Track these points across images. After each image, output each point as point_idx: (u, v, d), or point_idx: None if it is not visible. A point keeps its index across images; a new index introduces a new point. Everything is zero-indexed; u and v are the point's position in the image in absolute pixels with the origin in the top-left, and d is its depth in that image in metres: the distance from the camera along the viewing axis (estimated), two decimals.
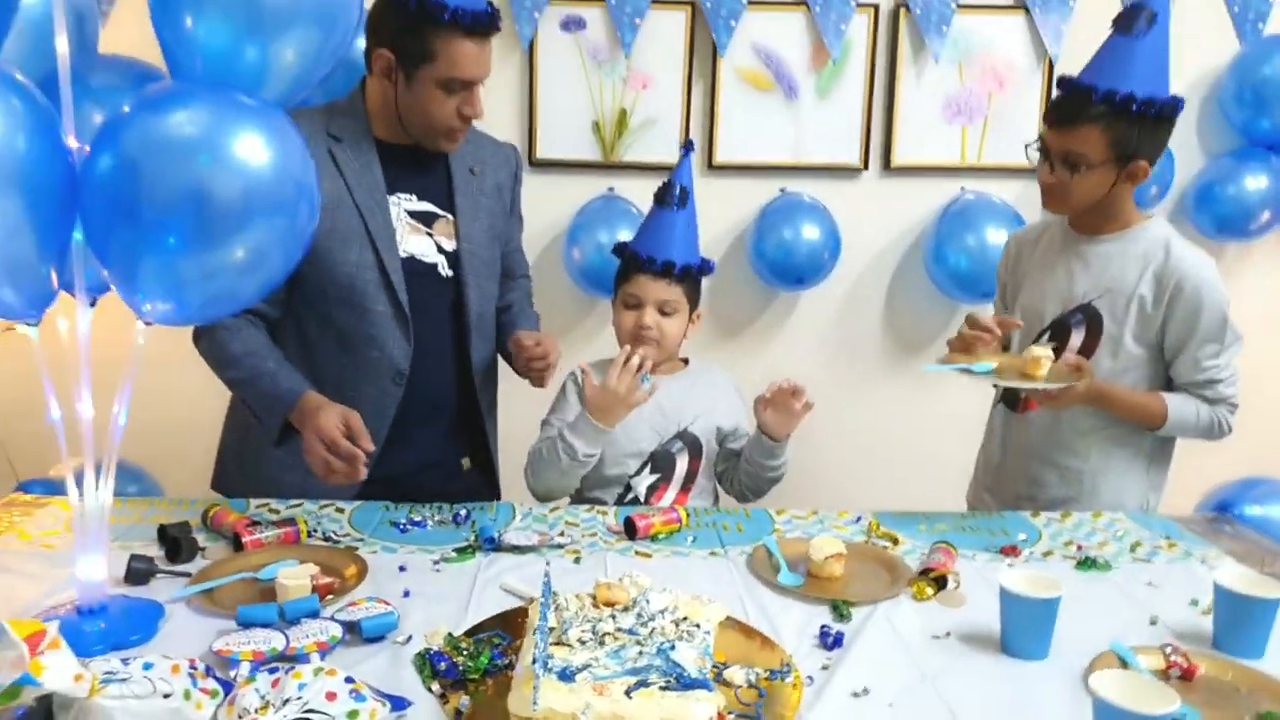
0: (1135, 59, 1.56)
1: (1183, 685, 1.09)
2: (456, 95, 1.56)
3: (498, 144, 1.83)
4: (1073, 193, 1.62)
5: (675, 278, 1.72)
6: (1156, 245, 1.66)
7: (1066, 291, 1.70)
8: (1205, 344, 1.63)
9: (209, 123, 0.95)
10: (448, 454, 1.77)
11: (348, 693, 0.88)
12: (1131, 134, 1.57)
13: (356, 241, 1.58)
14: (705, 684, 0.94)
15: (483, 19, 1.51)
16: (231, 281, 1.00)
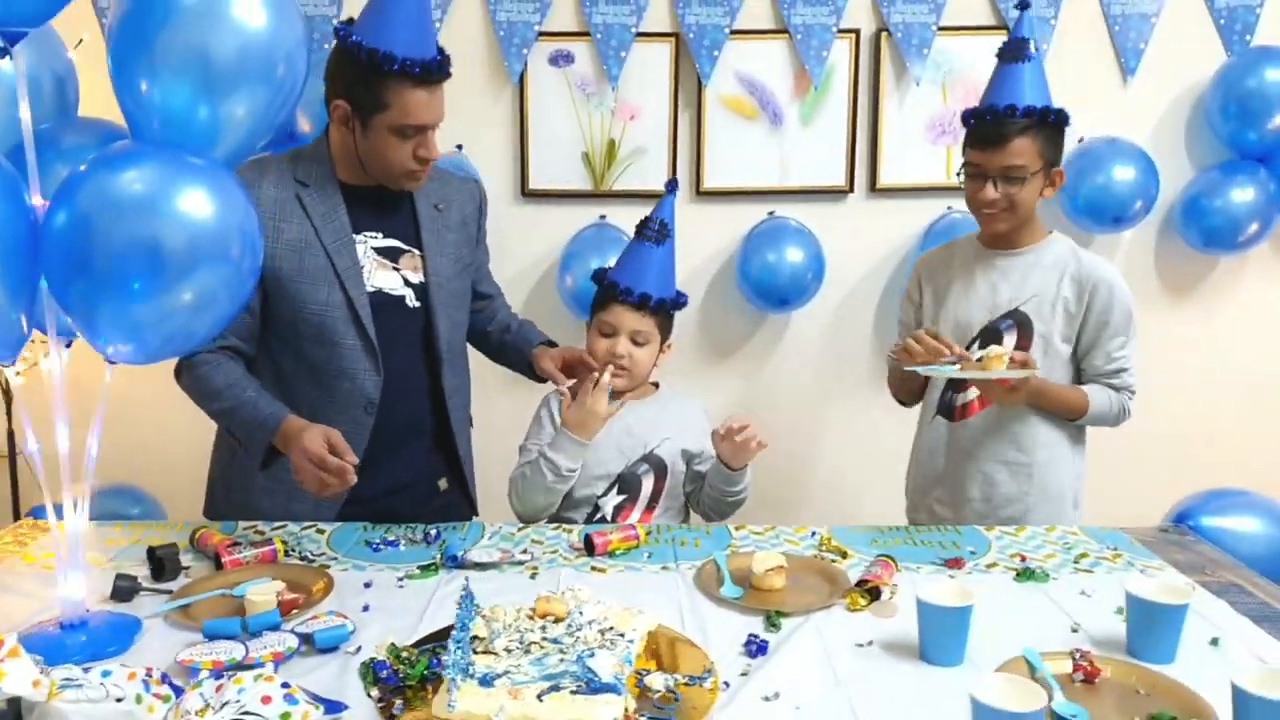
0: (1025, 80, 1.79)
1: (1085, 688, 1.13)
2: (411, 140, 1.63)
3: (463, 180, 1.93)
4: (1017, 205, 1.77)
5: (650, 310, 1.80)
6: (1067, 254, 1.85)
7: (991, 301, 1.85)
8: (1115, 337, 1.81)
9: (157, 180, 1.06)
10: (424, 475, 1.85)
11: (282, 696, 0.96)
12: (1050, 142, 1.79)
13: (325, 281, 1.67)
14: (614, 688, 1.01)
15: (432, 68, 1.58)
16: (184, 322, 1.11)
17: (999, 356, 1.67)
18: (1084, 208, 2.66)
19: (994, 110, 1.76)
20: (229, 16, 1.11)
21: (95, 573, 1.44)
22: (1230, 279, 2.84)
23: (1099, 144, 2.68)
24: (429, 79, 1.58)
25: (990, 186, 1.76)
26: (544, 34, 2.72)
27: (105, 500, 2.23)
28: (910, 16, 2.73)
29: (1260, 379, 2.85)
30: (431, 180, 1.80)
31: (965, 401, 1.88)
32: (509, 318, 2.01)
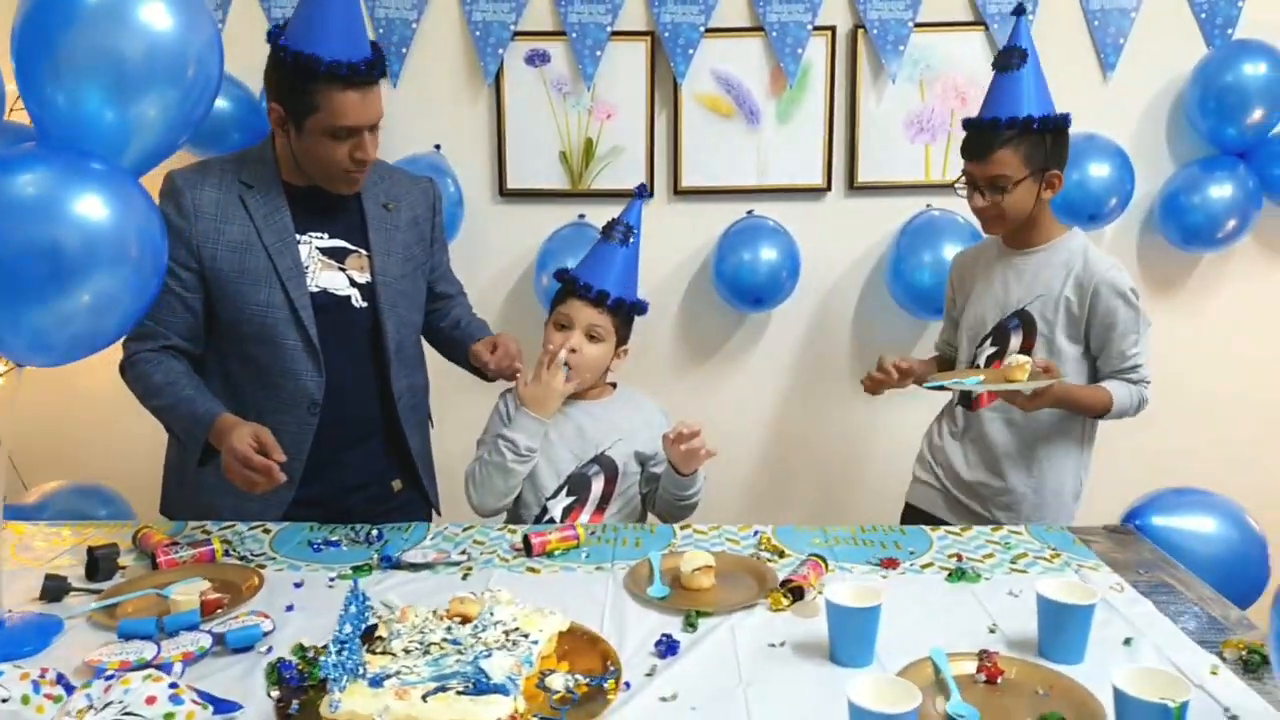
0: (1020, 88, 1.84)
1: (986, 688, 1.12)
2: (345, 141, 1.63)
3: (414, 179, 1.92)
4: (1006, 211, 1.84)
5: (608, 307, 1.80)
6: (1076, 254, 1.89)
7: (1003, 300, 1.92)
8: (1126, 336, 1.85)
9: (52, 184, 1.07)
10: (377, 476, 1.86)
11: (167, 696, 0.97)
12: (1039, 148, 1.83)
13: (265, 281, 1.67)
14: (503, 689, 1.00)
15: (360, 69, 1.57)
16: (87, 325, 1.12)
17: (1022, 366, 1.70)
18: (1059, 204, 2.59)
19: (978, 122, 1.86)
20: (135, 18, 1.12)
21: (33, 572, 1.46)
22: (1214, 276, 2.78)
23: (1077, 140, 2.61)
24: (357, 80, 1.58)
25: (979, 195, 1.85)
26: (520, 34, 2.72)
27: (75, 500, 2.27)
28: (886, 13, 2.70)
29: (1241, 379, 2.79)
30: (381, 179, 1.80)
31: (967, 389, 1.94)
32: (462, 314, 2.00)
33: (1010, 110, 1.82)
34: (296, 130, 1.63)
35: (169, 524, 1.73)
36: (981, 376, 1.75)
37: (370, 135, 1.64)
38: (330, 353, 1.72)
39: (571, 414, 1.81)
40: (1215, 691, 1.12)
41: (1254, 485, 2.57)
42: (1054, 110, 1.84)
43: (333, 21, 1.56)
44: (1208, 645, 1.24)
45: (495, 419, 1.87)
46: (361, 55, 1.58)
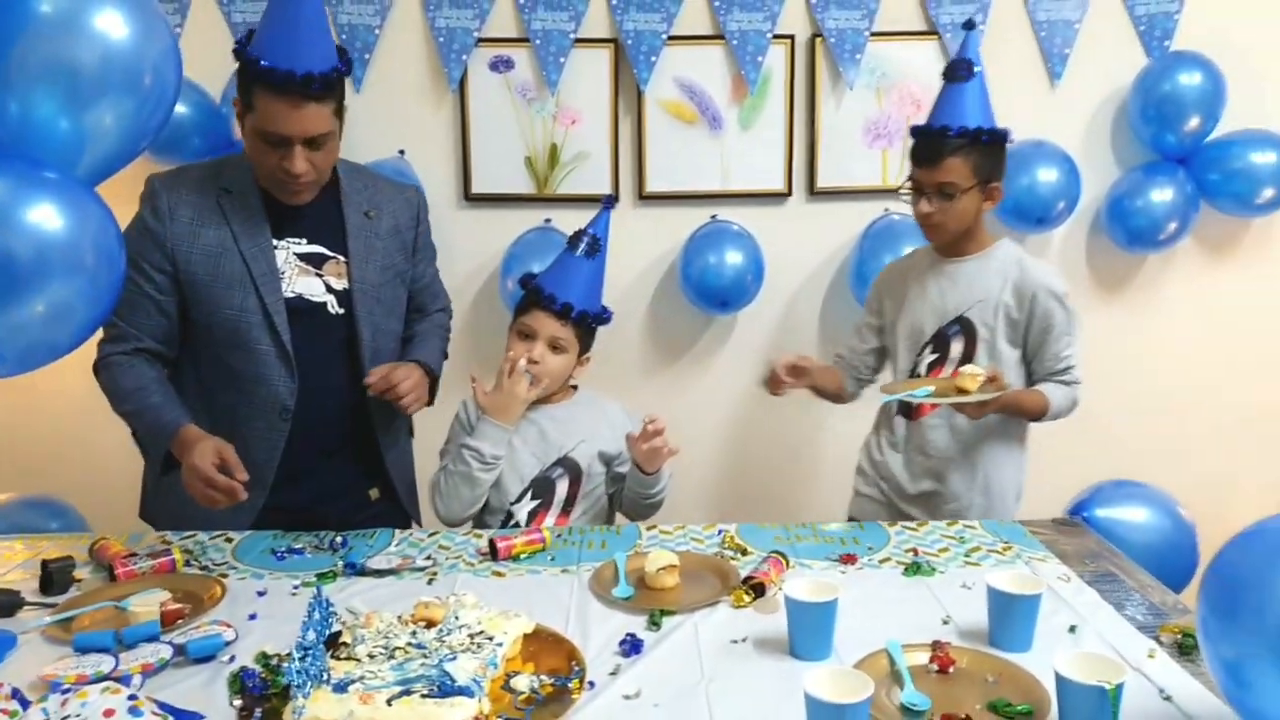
0: (967, 100, 1.88)
1: (938, 677, 1.17)
2: (276, 149, 1.62)
3: (399, 187, 1.92)
4: (950, 219, 1.87)
5: (571, 319, 1.81)
6: (1011, 262, 1.93)
7: (941, 307, 1.94)
8: (1061, 338, 1.89)
9: (3, 194, 1.06)
10: (352, 485, 1.86)
11: (126, 709, 0.97)
12: (985, 159, 1.87)
13: (240, 286, 1.68)
14: (467, 691, 1.02)
15: (292, 79, 1.55)
16: (41, 334, 1.12)
17: (974, 376, 1.73)
18: (1009, 208, 2.68)
19: (930, 130, 1.88)
20: (90, 27, 1.13)
21: None
22: (1158, 276, 2.88)
23: (1025, 146, 2.71)
24: (284, 91, 1.56)
25: (925, 201, 1.86)
26: (483, 40, 2.73)
27: (25, 512, 2.23)
28: (843, 22, 2.75)
29: (1182, 374, 2.89)
30: (365, 187, 1.81)
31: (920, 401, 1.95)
32: (422, 329, 1.97)
33: (958, 120, 1.85)
34: (243, 127, 1.63)
35: (126, 535, 1.71)
36: (933, 387, 1.78)
37: (303, 149, 1.62)
38: (304, 359, 1.72)
39: (533, 418, 1.83)
40: (1152, 674, 1.17)
41: (1191, 476, 2.66)
42: (996, 124, 1.89)
43: (279, 29, 1.56)
44: (1147, 631, 1.29)
45: (456, 428, 1.87)
46: (302, 68, 1.56)
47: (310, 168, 1.64)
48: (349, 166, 1.85)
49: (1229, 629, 0.94)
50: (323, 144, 1.64)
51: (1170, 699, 1.13)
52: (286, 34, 1.56)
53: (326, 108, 1.62)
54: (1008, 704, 1.09)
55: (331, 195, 1.77)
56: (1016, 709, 1.08)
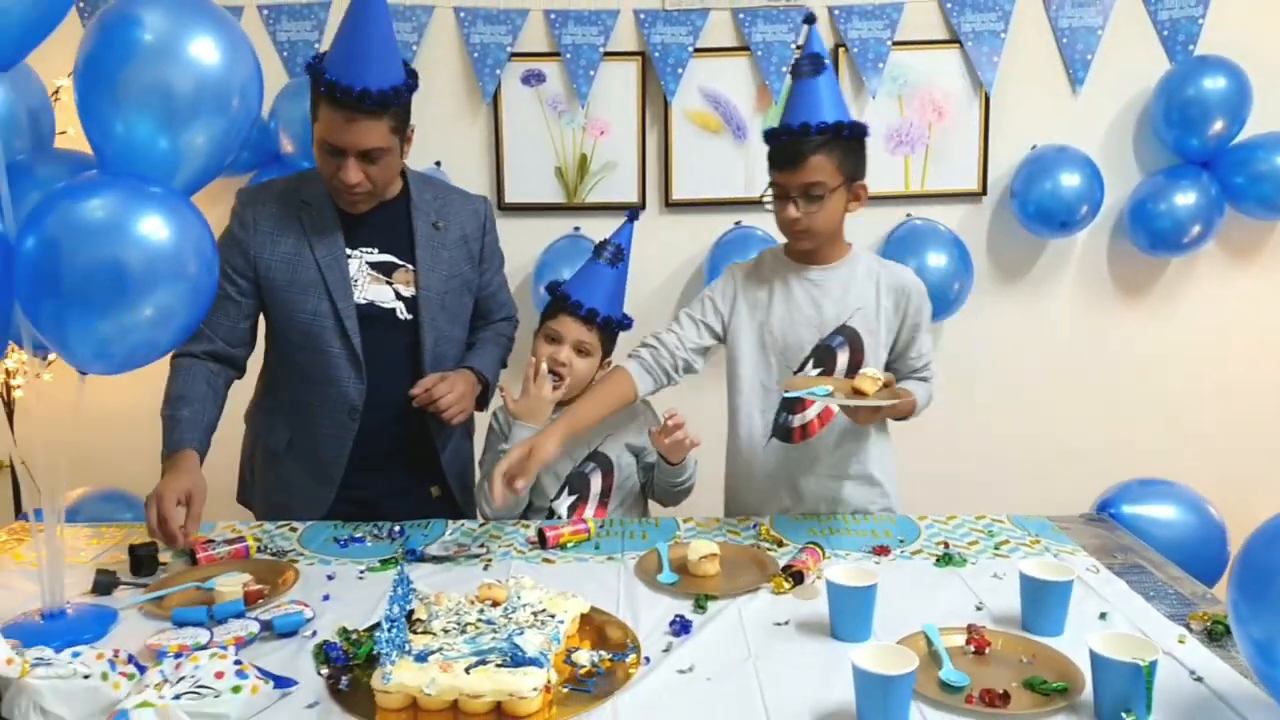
0: (822, 96, 1.75)
1: (975, 658, 1.23)
2: (333, 159, 1.70)
3: (468, 197, 1.98)
4: (819, 222, 1.74)
5: (596, 324, 1.89)
6: (874, 264, 1.87)
7: (817, 319, 1.81)
8: (925, 335, 1.86)
9: (118, 207, 1.17)
10: (415, 483, 1.95)
11: (234, 672, 1.07)
12: (849, 156, 1.75)
13: (314, 292, 1.78)
14: (537, 662, 1.11)
15: (346, 93, 1.62)
16: (146, 336, 1.22)
17: (874, 379, 1.63)
18: (1034, 213, 2.76)
19: (789, 129, 1.73)
20: (187, 54, 1.23)
21: (80, 569, 1.55)
22: (1181, 280, 2.93)
23: (1049, 152, 2.79)
24: (341, 103, 1.64)
25: (792, 206, 1.72)
26: (516, 55, 2.83)
27: (99, 505, 2.34)
28: (866, 32, 2.83)
29: (1205, 376, 2.94)
30: (435, 198, 1.89)
31: (805, 422, 1.84)
32: (484, 337, 2.01)
33: (817, 116, 1.71)
34: (313, 134, 1.73)
35: None
36: (831, 386, 1.67)
37: (356, 161, 1.69)
38: (373, 362, 1.81)
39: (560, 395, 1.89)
40: (1183, 657, 1.23)
41: (1215, 476, 2.71)
42: (851, 117, 1.76)
43: (345, 46, 1.66)
44: (1176, 619, 1.35)
45: (491, 436, 1.95)
46: (360, 84, 1.63)
47: (364, 179, 1.71)
48: (419, 178, 1.93)
49: (1259, 610, 1.00)
50: (378, 158, 1.71)
51: (1201, 680, 1.18)
52: (351, 51, 1.65)
53: (382, 123, 1.68)
54: (1043, 681, 1.15)
55: (403, 206, 1.85)
56: (1052, 686, 1.14)
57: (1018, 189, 2.80)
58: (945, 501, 1.97)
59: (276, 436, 1.90)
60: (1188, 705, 1.13)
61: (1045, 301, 2.94)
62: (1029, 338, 2.95)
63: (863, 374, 1.65)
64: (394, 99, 1.69)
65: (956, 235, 2.83)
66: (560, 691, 1.14)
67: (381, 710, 1.10)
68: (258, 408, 1.97)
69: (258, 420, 1.96)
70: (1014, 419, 2.95)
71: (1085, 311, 2.95)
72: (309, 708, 1.14)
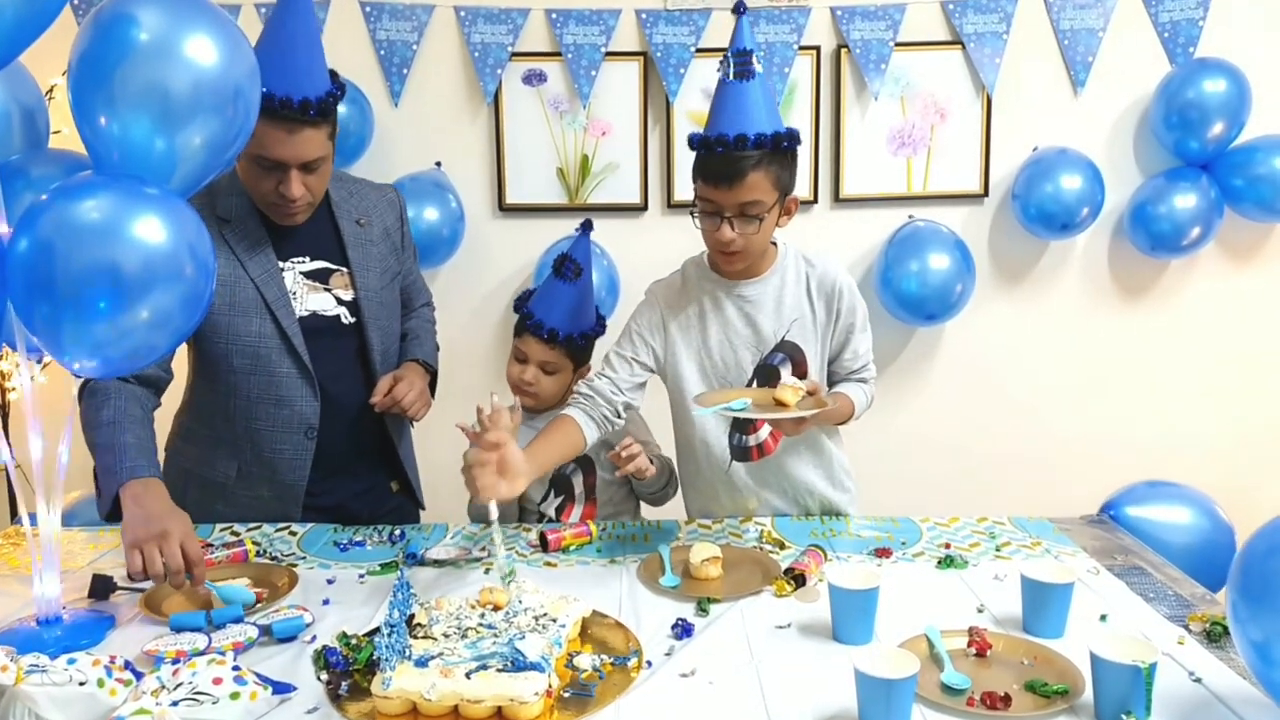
0: (758, 102, 1.58)
1: (976, 660, 1.23)
2: (271, 173, 1.62)
3: (379, 189, 1.93)
4: (755, 244, 1.61)
5: (558, 343, 1.89)
6: (801, 265, 1.73)
7: (754, 339, 1.71)
8: (860, 333, 1.74)
9: (113, 208, 1.16)
10: (376, 481, 1.93)
11: (232, 678, 1.06)
12: (785, 170, 1.60)
13: (256, 312, 1.71)
14: (539, 666, 1.10)
15: (292, 105, 1.55)
16: (144, 338, 1.20)
17: (795, 388, 1.55)
18: (1036, 215, 2.75)
19: (724, 141, 1.55)
20: (183, 53, 1.21)
21: (77, 574, 1.54)
22: (1181, 281, 2.93)
23: (1050, 154, 2.78)
24: (282, 115, 1.56)
25: (726, 226, 1.57)
26: (517, 54, 2.83)
27: (94, 510, 2.33)
28: (868, 34, 2.83)
29: (1207, 377, 2.94)
30: (350, 195, 1.84)
31: (760, 441, 1.78)
32: (414, 326, 2.00)
33: (754, 126, 1.54)
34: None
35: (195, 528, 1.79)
36: (749, 400, 1.57)
37: (298, 173, 1.63)
38: (324, 375, 1.76)
39: (535, 425, 1.89)
40: (1182, 659, 1.23)
41: (1215, 477, 2.71)
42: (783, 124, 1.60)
43: (277, 54, 1.55)
44: (1176, 620, 1.35)
45: None
46: (299, 94, 1.56)
47: (306, 191, 1.65)
48: (344, 177, 1.89)
49: (1258, 611, 1.00)
50: (317, 167, 1.65)
51: (1200, 680, 1.18)
52: (282, 59, 1.55)
53: (322, 132, 1.62)
54: (1044, 684, 1.15)
55: (324, 209, 1.79)
56: (1053, 688, 1.14)
57: (1019, 191, 2.80)
58: (947, 503, 1.97)
59: (219, 469, 1.80)
60: (1187, 706, 1.12)
61: (1046, 303, 2.94)
62: (1030, 339, 2.95)
63: (783, 385, 1.56)
64: (332, 105, 1.63)
65: (959, 237, 2.83)
66: (561, 696, 1.14)
67: (381, 716, 1.09)
68: (185, 442, 1.86)
69: (186, 455, 1.85)
70: (1015, 420, 2.95)
71: (1086, 313, 2.94)
72: (309, 713, 1.13)
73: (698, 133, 1.62)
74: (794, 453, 1.79)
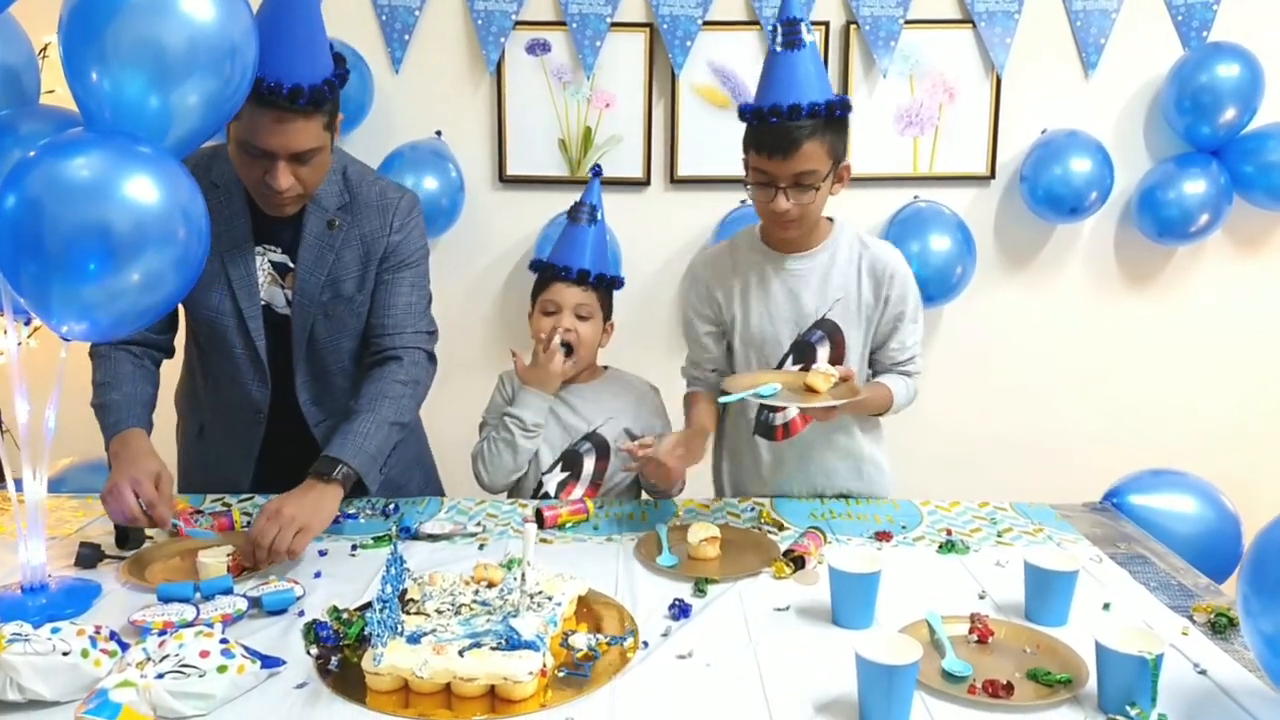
0: (810, 71, 1.58)
1: (978, 647, 1.21)
2: (259, 160, 1.51)
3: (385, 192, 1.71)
4: (810, 214, 1.62)
5: (590, 284, 1.85)
6: (854, 243, 1.73)
7: (796, 314, 1.71)
8: (910, 324, 1.73)
9: (104, 167, 1.12)
10: None
11: (219, 651, 1.04)
12: (839, 138, 1.62)
13: (217, 287, 1.63)
14: (533, 645, 1.08)
15: (280, 92, 1.42)
16: (134, 301, 1.17)
17: (827, 375, 1.53)
18: (1043, 198, 2.72)
19: (778, 111, 1.55)
20: (179, 9, 1.17)
21: (64, 541, 1.52)
22: (1188, 268, 2.90)
23: (1059, 136, 2.74)
24: (269, 102, 1.43)
25: (781, 197, 1.58)
26: (521, 23, 2.77)
27: (86, 476, 2.30)
28: (878, 10, 2.77)
29: (1213, 365, 2.91)
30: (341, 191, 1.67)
31: (787, 420, 1.77)
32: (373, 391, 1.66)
33: (807, 96, 1.55)
34: (226, 132, 1.53)
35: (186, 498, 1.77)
36: (779, 384, 1.56)
37: (288, 164, 1.50)
38: (279, 366, 1.70)
39: (562, 395, 1.88)
40: (1186, 650, 1.22)
41: (1221, 466, 2.69)
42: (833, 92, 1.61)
43: (270, 36, 1.41)
44: (1179, 610, 1.33)
45: (496, 399, 1.93)
46: (290, 80, 1.43)
47: (296, 182, 1.53)
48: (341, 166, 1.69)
49: (1269, 604, 0.99)
50: (310, 159, 1.52)
51: (1205, 673, 1.17)
52: (276, 40, 1.42)
53: (315, 122, 1.49)
54: (1047, 673, 1.13)
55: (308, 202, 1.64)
56: (1056, 677, 1.13)
57: (1027, 173, 2.76)
58: (948, 488, 1.95)
59: (192, 421, 1.82)
60: (1192, 698, 1.11)
61: (1050, 287, 2.91)
62: (1033, 323, 2.92)
63: (815, 370, 1.55)
64: (328, 94, 1.50)
65: (961, 219, 2.79)
66: (556, 675, 1.12)
67: (372, 692, 1.08)
68: (181, 390, 1.86)
69: (181, 402, 1.87)
70: (1016, 405, 2.92)
71: (1090, 298, 2.92)
72: (297, 688, 1.11)
73: (749, 103, 1.63)
74: (822, 440, 1.78)
